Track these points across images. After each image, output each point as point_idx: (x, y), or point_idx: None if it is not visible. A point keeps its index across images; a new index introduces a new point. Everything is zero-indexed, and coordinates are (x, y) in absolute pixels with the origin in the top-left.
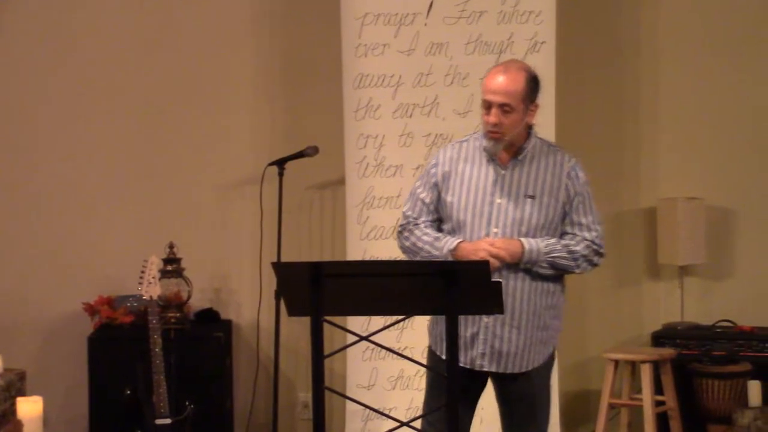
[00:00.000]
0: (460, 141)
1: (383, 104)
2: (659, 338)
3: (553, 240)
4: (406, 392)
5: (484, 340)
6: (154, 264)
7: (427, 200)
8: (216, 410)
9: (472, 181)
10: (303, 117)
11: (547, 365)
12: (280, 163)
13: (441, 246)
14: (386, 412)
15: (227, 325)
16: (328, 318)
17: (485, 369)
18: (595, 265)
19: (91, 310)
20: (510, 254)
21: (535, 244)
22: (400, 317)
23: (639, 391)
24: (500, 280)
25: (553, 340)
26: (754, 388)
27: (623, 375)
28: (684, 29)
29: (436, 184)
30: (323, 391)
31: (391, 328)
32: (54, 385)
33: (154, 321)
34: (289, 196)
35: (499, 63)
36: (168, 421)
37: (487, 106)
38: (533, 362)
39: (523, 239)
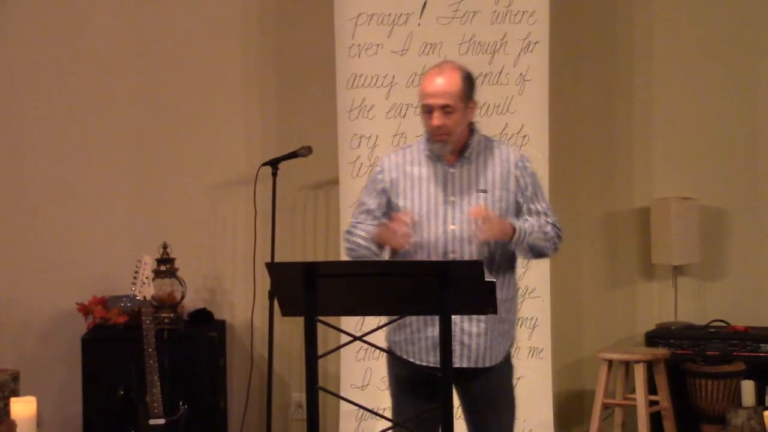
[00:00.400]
0: (403, 148)
1: (377, 104)
2: (653, 338)
3: (528, 222)
4: None
5: (454, 336)
6: (148, 264)
7: (374, 207)
8: (210, 410)
9: (422, 183)
10: (296, 117)
11: (508, 365)
12: (274, 164)
13: (370, 241)
14: (380, 412)
15: (221, 325)
16: (321, 318)
17: (456, 365)
18: (557, 249)
19: (84, 310)
20: (501, 229)
21: (522, 225)
22: (394, 317)
23: (633, 391)
24: (494, 279)
25: (510, 334)
26: (748, 387)
27: (617, 375)
28: (677, 29)
29: (384, 190)
30: (317, 391)
31: (384, 328)
32: (47, 386)
33: (148, 321)
34: (283, 196)
35: (433, 66)
36: (162, 421)
37: (428, 110)
38: (496, 357)
39: (512, 220)
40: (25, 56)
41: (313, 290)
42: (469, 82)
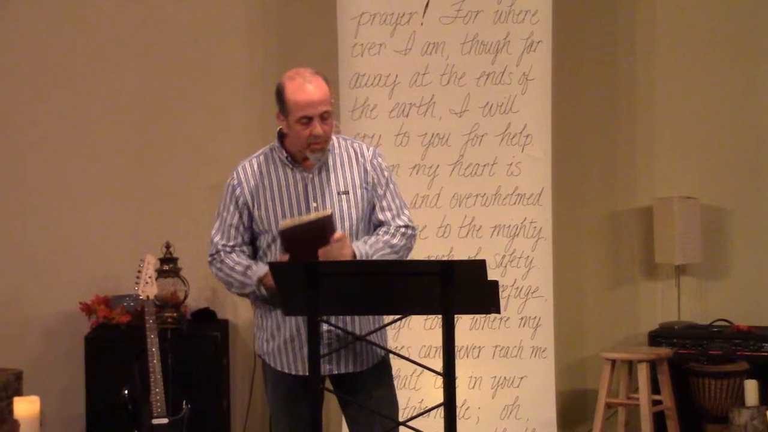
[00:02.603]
0: (255, 157)
1: (379, 104)
2: (656, 337)
3: (373, 239)
4: (403, 392)
5: (328, 343)
6: (151, 264)
7: (235, 222)
8: (213, 410)
9: (282, 190)
10: None
11: (385, 364)
12: None
13: (251, 275)
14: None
15: (224, 324)
16: (324, 318)
17: (334, 372)
18: (411, 248)
19: (88, 309)
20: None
21: (363, 248)
22: (397, 317)
23: (636, 390)
24: (497, 279)
25: (383, 336)
26: (751, 387)
27: (620, 374)
28: (680, 28)
29: (245, 204)
30: (320, 390)
31: (387, 328)
32: (51, 385)
33: (151, 321)
34: None
35: (290, 77)
36: (165, 420)
37: (306, 121)
38: (369, 359)
39: (353, 245)
40: (28, 55)
41: (316, 290)
42: (328, 83)
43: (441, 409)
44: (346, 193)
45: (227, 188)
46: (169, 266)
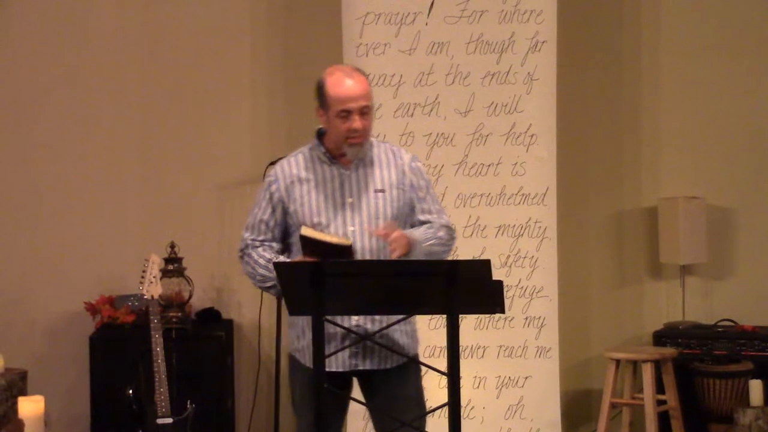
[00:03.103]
0: (293, 155)
1: (384, 104)
2: (661, 337)
3: (421, 229)
4: None
5: (356, 337)
6: (156, 263)
7: (266, 217)
8: (217, 410)
9: (319, 186)
10: (304, 116)
11: (413, 364)
12: None
13: (272, 269)
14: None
15: (228, 324)
16: (329, 317)
17: (359, 368)
18: (452, 249)
19: (92, 309)
20: (406, 242)
21: (416, 234)
22: (401, 317)
23: (640, 390)
24: (501, 279)
25: (416, 335)
26: (756, 387)
27: (625, 374)
28: (685, 29)
29: (280, 199)
30: (324, 390)
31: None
32: (55, 385)
33: (156, 320)
34: None
35: (331, 73)
36: (169, 420)
37: (345, 114)
38: (395, 358)
39: (405, 231)
40: (32, 57)
41: (321, 290)
42: (369, 81)
43: (445, 409)
44: (382, 191)
45: (264, 185)
46: (173, 266)
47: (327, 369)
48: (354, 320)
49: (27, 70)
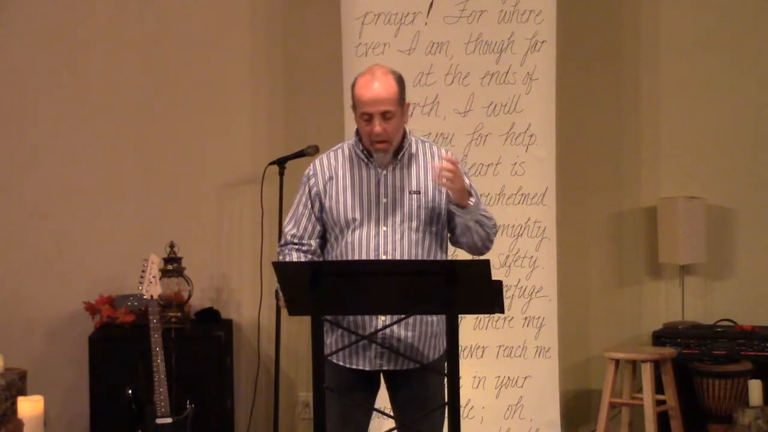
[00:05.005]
0: (333, 150)
1: None
2: (660, 337)
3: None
4: None
5: (381, 338)
6: (155, 263)
7: (306, 212)
8: (216, 410)
9: (355, 184)
10: (303, 116)
11: (442, 366)
12: (281, 163)
13: None
14: (387, 411)
15: (228, 324)
16: (328, 317)
17: (384, 368)
18: (492, 242)
19: (92, 309)
20: (464, 186)
21: (476, 197)
22: (401, 316)
23: (640, 390)
24: (501, 279)
25: (440, 342)
26: (755, 387)
27: (624, 374)
28: (684, 28)
29: (317, 194)
30: (324, 390)
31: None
32: (55, 385)
33: (155, 320)
34: (290, 195)
35: (363, 73)
36: (169, 420)
37: (368, 117)
38: (427, 356)
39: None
40: (32, 57)
41: (320, 289)
42: (402, 84)
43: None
44: (418, 192)
45: (303, 179)
46: (173, 266)
47: (355, 367)
48: (380, 320)
49: (26, 70)
